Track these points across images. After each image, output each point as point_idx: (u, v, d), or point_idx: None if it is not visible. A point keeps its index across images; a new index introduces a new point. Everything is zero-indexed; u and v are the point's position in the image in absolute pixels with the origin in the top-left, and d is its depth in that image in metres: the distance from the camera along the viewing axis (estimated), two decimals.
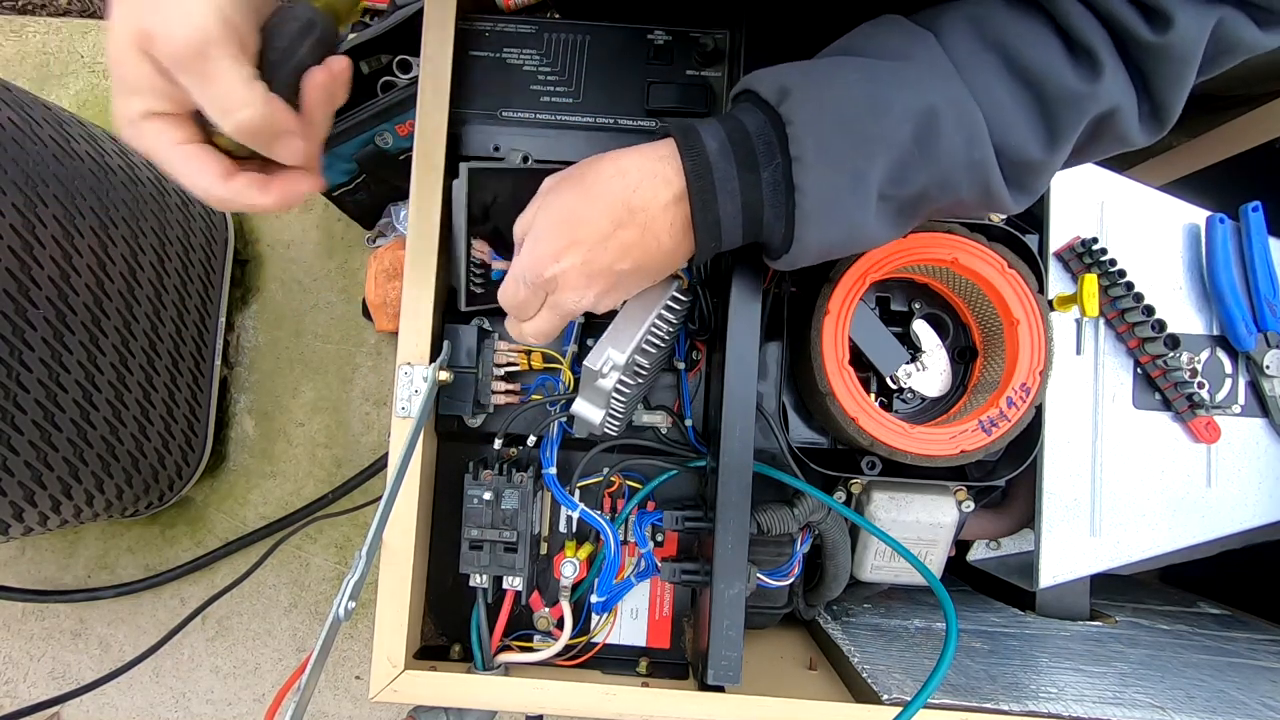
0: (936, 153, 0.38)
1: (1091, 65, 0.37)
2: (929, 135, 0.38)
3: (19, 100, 0.79)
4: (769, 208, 0.40)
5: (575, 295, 0.41)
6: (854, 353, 0.57)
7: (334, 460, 1.15)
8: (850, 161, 0.38)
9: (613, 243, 0.40)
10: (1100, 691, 0.54)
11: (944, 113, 0.37)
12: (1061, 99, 0.38)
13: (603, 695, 0.51)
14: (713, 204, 0.39)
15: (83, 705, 1.12)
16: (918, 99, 0.37)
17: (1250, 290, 0.62)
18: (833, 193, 0.38)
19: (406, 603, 0.52)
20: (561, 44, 0.56)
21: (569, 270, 0.40)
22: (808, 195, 0.38)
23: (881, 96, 0.37)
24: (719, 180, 0.39)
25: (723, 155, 0.39)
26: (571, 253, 0.40)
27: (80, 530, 1.15)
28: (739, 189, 0.39)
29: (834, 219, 0.39)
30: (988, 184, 0.39)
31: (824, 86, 0.38)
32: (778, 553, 0.57)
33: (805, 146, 0.37)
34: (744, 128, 0.39)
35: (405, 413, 0.53)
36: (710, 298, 0.55)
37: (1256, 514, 0.63)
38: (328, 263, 1.17)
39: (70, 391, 0.82)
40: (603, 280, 0.41)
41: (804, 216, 0.39)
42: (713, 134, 0.39)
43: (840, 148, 0.37)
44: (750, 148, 0.39)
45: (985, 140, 0.38)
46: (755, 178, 0.39)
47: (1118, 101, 0.38)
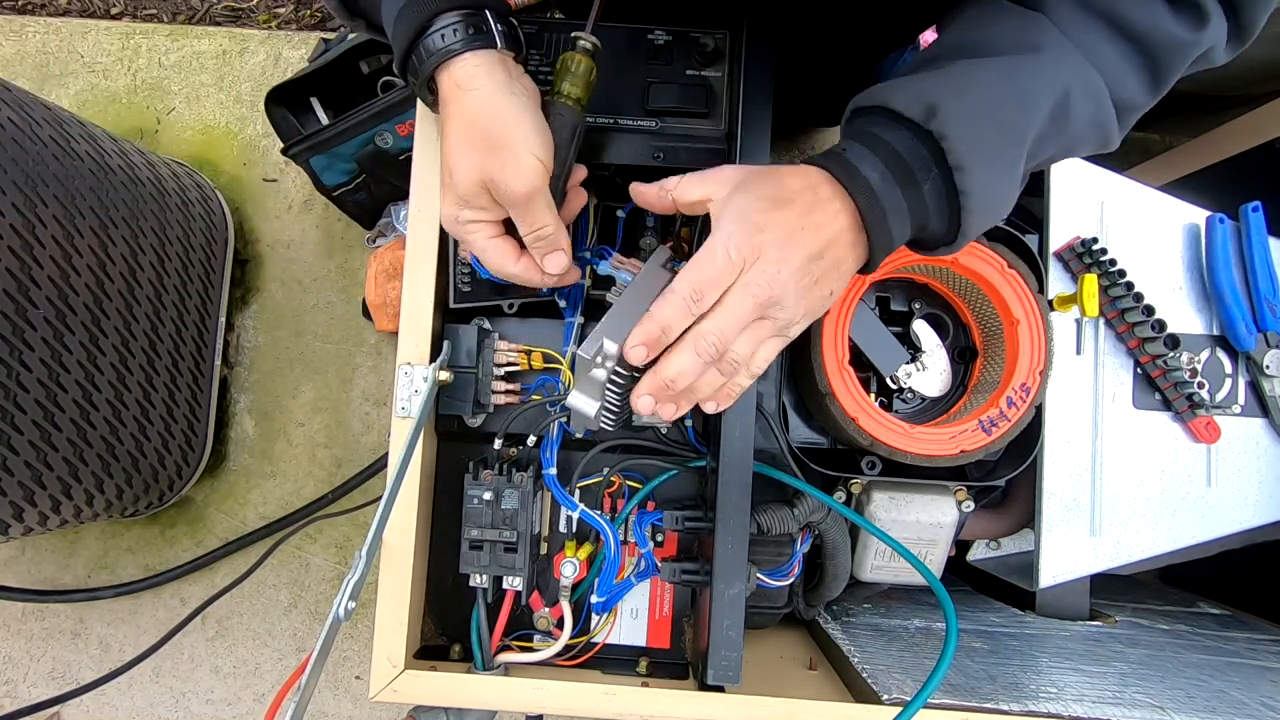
0: (1068, 125, 0.41)
1: (1197, 14, 0.40)
2: (1063, 113, 0.41)
3: (19, 100, 0.79)
4: (934, 214, 0.42)
5: (774, 268, 0.40)
6: (854, 353, 0.57)
7: (334, 460, 1.15)
8: (1005, 156, 0.41)
9: (809, 220, 0.40)
10: (1100, 691, 0.54)
11: (1075, 91, 0.40)
12: (1169, 49, 0.41)
13: (603, 695, 0.51)
14: (886, 229, 0.41)
15: (83, 705, 1.12)
16: (1056, 85, 0.40)
17: (1250, 290, 0.62)
18: (994, 187, 0.41)
19: (406, 603, 0.52)
20: (561, 44, 0.56)
21: (771, 238, 0.40)
22: (973, 197, 0.40)
23: (1027, 93, 0.40)
24: (888, 204, 0.41)
25: (885, 182, 0.41)
26: (774, 222, 0.40)
27: (80, 530, 1.15)
28: (906, 207, 0.41)
29: (995, 207, 0.42)
30: (1107, 136, 0.43)
31: (969, 96, 0.40)
32: (778, 553, 0.57)
33: (964, 156, 0.39)
34: (896, 151, 0.41)
35: (405, 413, 0.53)
36: None
37: (1256, 514, 0.63)
38: (328, 263, 1.17)
39: (70, 391, 0.82)
40: (800, 261, 0.40)
41: (971, 214, 0.41)
42: (871, 165, 0.41)
43: (995, 148, 0.40)
44: (908, 168, 0.41)
45: (1108, 103, 0.42)
46: (918, 191, 0.41)
47: (1216, 39, 0.41)
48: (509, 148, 0.42)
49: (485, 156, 0.42)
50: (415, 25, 0.42)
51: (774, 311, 0.41)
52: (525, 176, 0.42)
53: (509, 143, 0.42)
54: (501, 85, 0.43)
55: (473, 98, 0.42)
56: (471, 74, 0.42)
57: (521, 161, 0.42)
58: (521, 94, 0.44)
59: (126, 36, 1.22)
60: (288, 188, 1.19)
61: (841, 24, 0.69)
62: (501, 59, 0.44)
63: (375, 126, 0.91)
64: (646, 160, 0.54)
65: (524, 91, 0.44)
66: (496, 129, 0.42)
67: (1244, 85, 0.79)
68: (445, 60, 0.42)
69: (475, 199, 0.44)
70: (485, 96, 0.42)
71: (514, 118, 0.42)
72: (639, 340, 0.41)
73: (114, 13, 1.25)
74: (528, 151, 0.42)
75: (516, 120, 0.42)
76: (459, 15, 0.42)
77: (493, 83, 0.42)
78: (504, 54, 0.44)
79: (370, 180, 0.99)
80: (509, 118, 0.42)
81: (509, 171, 0.42)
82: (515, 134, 0.42)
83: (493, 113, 0.42)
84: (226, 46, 1.21)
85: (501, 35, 0.43)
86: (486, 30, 0.43)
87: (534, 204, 0.44)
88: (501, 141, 0.42)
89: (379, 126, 0.91)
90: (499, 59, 0.43)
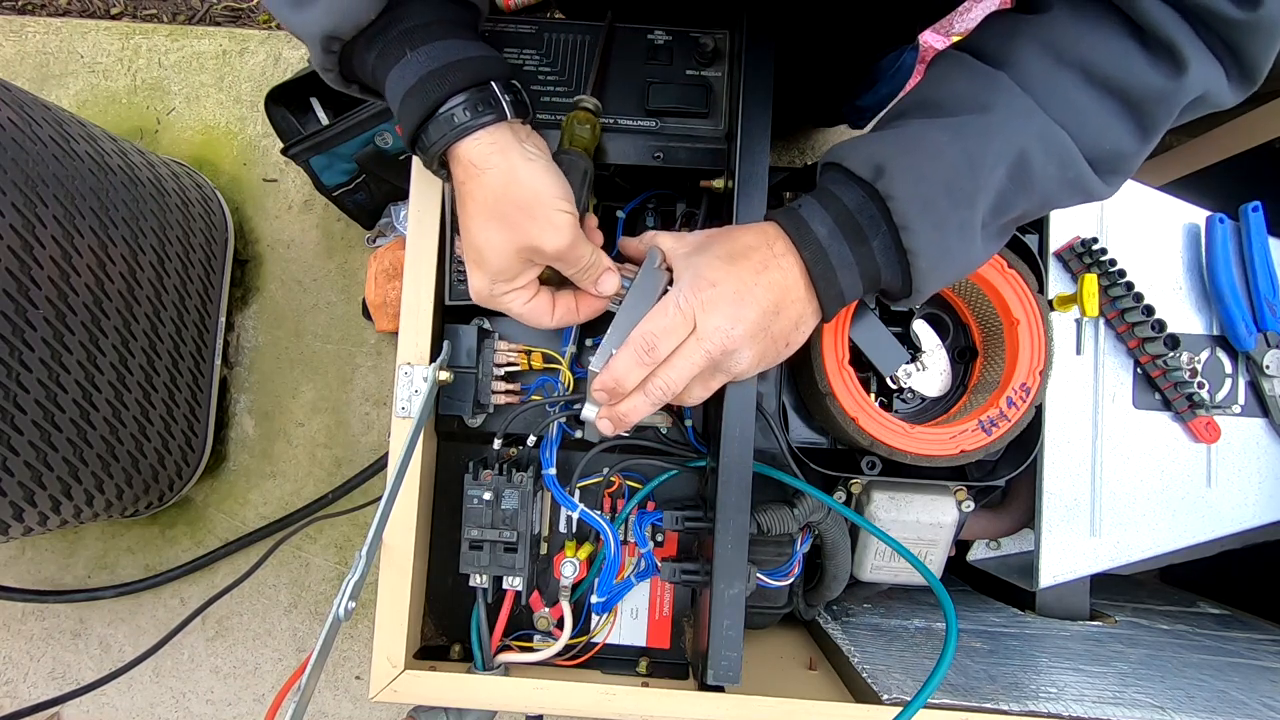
0: (1032, 184, 0.41)
1: (1173, 61, 0.38)
2: (1023, 173, 0.40)
3: (19, 100, 0.79)
4: (885, 270, 0.43)
5: (727, 323, 0.42)
6: (854, 353, 0.57)
7: (334, 460, 1.15)
8: (954, 217, 0.40)
9: (763, 278, 0.43)
10: (1100, 691, 0.54)
11: (1032, 151, 0.40)
12: (1148, 98, 0.39)
13: (603, 695, 0.51)
14: (835, 281, 0.43)
15: (83, 705, 1.12)
16: (1008, 146, 0.39)
17: (1250, 290, 0.62)
18: (943, 247, 0.41)
19: (406, 603, 0.52)
20: (561, 44, 0.56)
21: (722, 293, 0.42)
22: (921, 255, 0.41)
23: (972, 154, 0.40)
24: (836, 262, 0.42)
25: (833, 237, 0.42)
26: (726, 278, 0.42)
27: (80, 530, 1.15)
28: (854, 262, 0.42)
29: (948, 266, 0.42)
30: (1086, 189, 0.42)
31: (915, 156, 0.40)
32: (778, 553, 0.57)
33: (909, 216, 0.40)
34: (845, 207, 0.42)
35: (405, 413, 0.53)
36: None
37: (1256, 514, 0.63)
38: (328, 263, 1.17)
39: (70, 391, 0.82)
40: (752, 315, 0.42)
41: (921, 273, 0.42)
42: (819, 220, 0.42)
43: (943, 209, 0.40)
44: (857, 225, 0.42)
45: (1077, 160, 0.40)
46: (867, 249, 0.42)
47: (1206, 85, 0.39)
48: (540, 210, 0.43)
49: (517, 228, 0.43)
50: (425, 107, 0.42)
51: (728, 363, 0.43)
52: (562, 232, 0.43)
53: (538, 206, 0.43)
54: (517, 156, 0.43)
55: (491, 176, 0.43)
56: (486, 153, 0.42)
57: (555, 220, 0.43)
58: (536, 156, 0.44)
59: (126, 36, 1.22)
60: (288, 188, 1.19)
61: (841, 24, 0.69)
62: (511, 127, 0.44)
63: (375, 126, 0.91)
64: (646, 160, 0.54)
65: (537, 152, 0.45)
66: (523, 198, 0.43)
67: None
68: (457, 140, 0.42)
69: (510, 270, 0.45)
70: (504, 172, 0.43)
71: (537, 181, 0.43)
72: (598, 387, 0.44)
73: (114, 13, 1.25)
74: (557, 209, 0.43)
75: (540, 183, 0.43)
76: (467, 94, 0.42)
77: (507, 158, 0.43)
78: (513, 123, 0.44)
79: (370, 180, 0.99)
80: (532, 183, 0.43)
81: (548, 234, 0.43)
82: (542, 196, 0.43)
83: (515, 185, 0.43)
84: (226, 46, 1.21)
85: (510, 105, 0.44)
86: (495, 104, 0.43)
87: (575, 248, 0.45)
88: (531, 208, 0.43)
89: (379, 126, 0.91)
90: (508, 128, 0.44)
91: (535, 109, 0.56)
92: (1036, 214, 0.44)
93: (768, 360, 0.45)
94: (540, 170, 0.43)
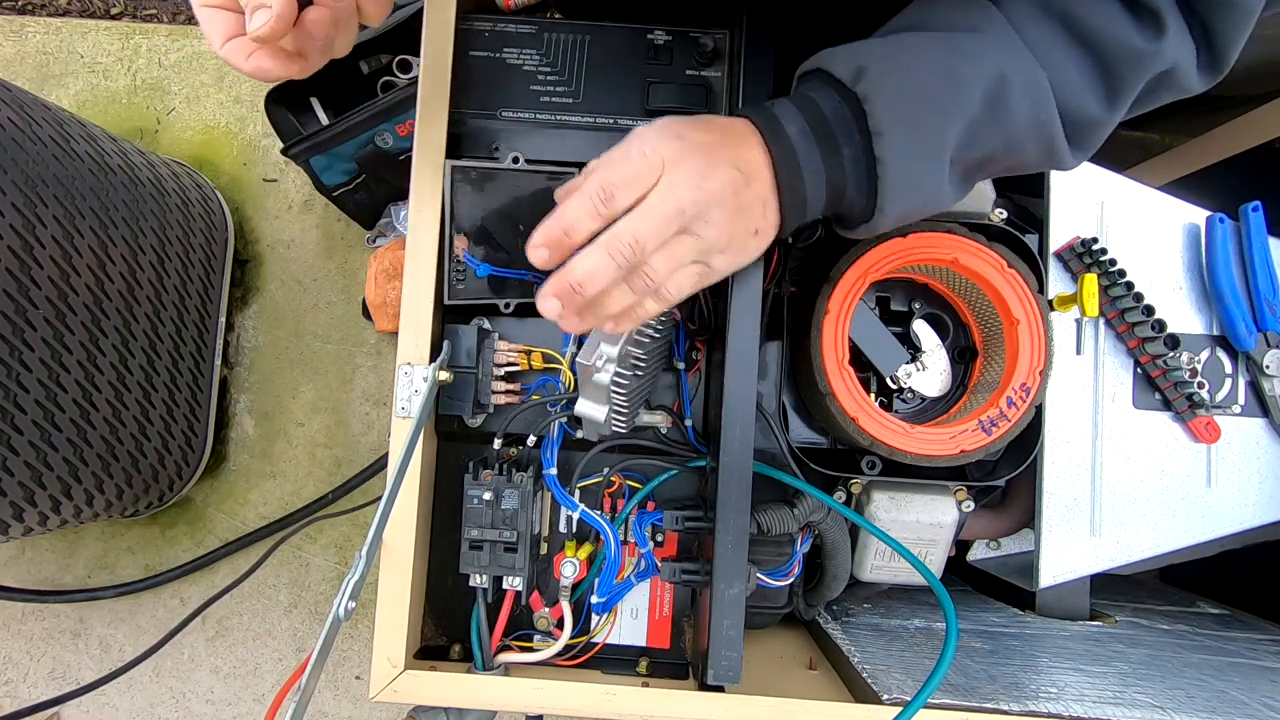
0: (1005, 117, 0.39)
1: (1155, 24, 0.38)
2: (999, 101, 0.39)
3: (19, 100, 0.79)
4: (852, 183, 0.41)
5: (699, 174, 0.37)
6: (854, 353, 0.57)
7: (334, 460, 1.15)
8: (928, 131, 0.39)
9: (726, 144, 0.39)
10: (1100, 691, 0.54)
11: (1013, 80, 0.39)
12: (1123, 59, 0.39)
13: (603, 695, 0.51)
14: (800, 186, 0.41)
15: (83, 705, 1.12)
16: (989, 68, 0.39)
17: (1250, 290, 0.62)
18: (913, 162, 0.40)
19: (406, 603, 0.52)
20: (561, 44, 0.56)
21: (689, 145, 0.38)
22: (890, 167, 0.39)
23: (956, 68, 0.39)
24: (804, 163, 0.40)
25: (804, 138, 0.40)
26: (690, 134, 0.39)
27: (80, 530, 1.15)
28: (823, 169, 0.41)
29: (915, 187, 0.40)
30: (1052, 144, 0.41)
31: (899, 62, 0.39)
32: (778, 553, 0.57)
33: (885, 122, 0.39)
34: (820, 110, 0.40)
35: (405, 413, 0.53)
36: (710, 298, 0.55)
37: (1256, 514, 0.63)
38: (328, 263, 1.17)
39: (70, 391, 0.82)
40: (726, 171, 0.38)
41: (887, 187, 0.40)
42: (793, 118, 0.41)
43: (918, 119, 0.39)
44: (829, 129, 0.40)
45: (1050, 103, 0.40)
46: (837, 157, 0.40)
47: (1178, 58, 0.39)
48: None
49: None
50: None
51: (698, 226, 0.38)
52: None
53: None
54: None
55: None
56: None
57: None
58: None
59: (126, 36, 1.22)
60: (288, 188, 1.19)
61: (841, 24, 0.69)
62: None
63: (375, 126, 0.91)
64: None
65: None
66: None
67: (1244, 85, 0.79)
68: None
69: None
70: None
71: None
72: (540, 240, 0.38)
73: (114, 13, 1.24)
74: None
75: None
76: None
77: None
78: None
79: (370, 180, 0.99)
80: None
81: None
82: None
83: None
84: None
85: None
86: None
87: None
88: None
89: (379, 126, 0.91)
90: None
91: (535, 109, 0.56)
92: (1001, 162, 0.42)
93: (739, 247, 0.40)
94: None
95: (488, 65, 0.56)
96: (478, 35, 0.57)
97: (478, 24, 0.57)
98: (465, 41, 0.56)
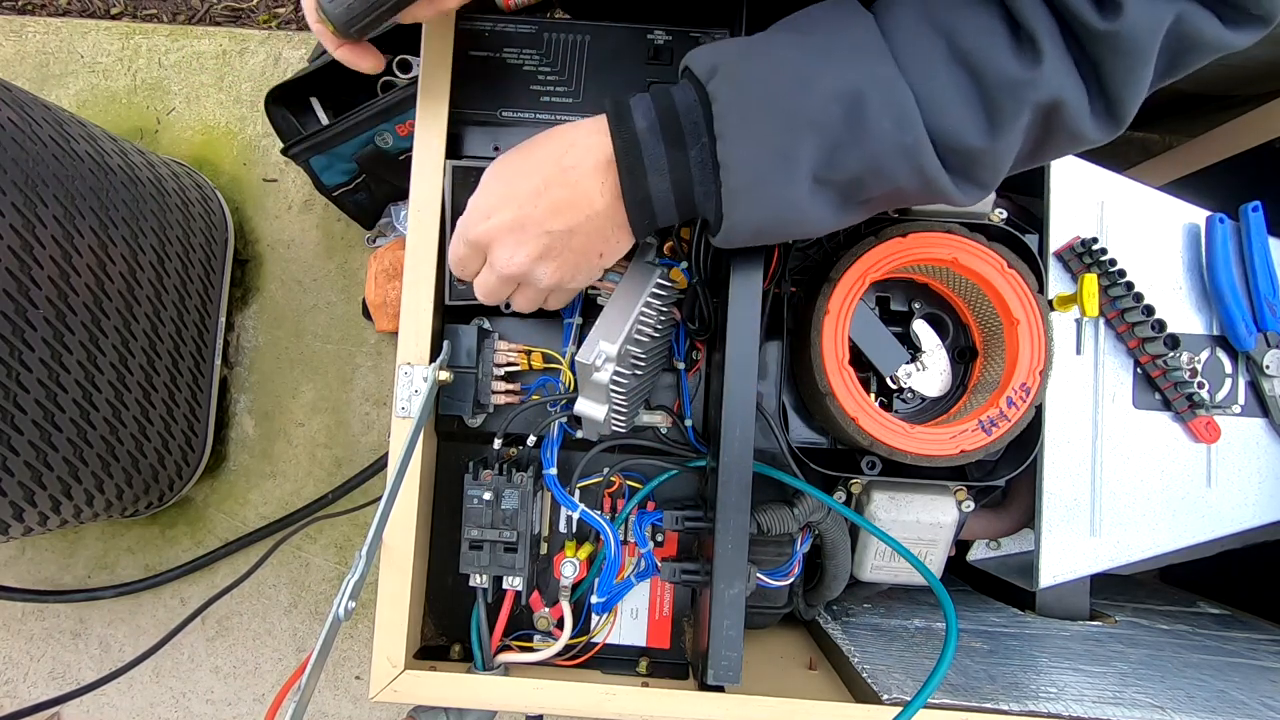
0: (865, 135, 0.37)
1: (1033, 51, 0.36)
2: (856, 117, 0.37)
3: (19, 100, 0.79)
4: (698, 185, 0.40)
5: (507, 252, 0.43)
6: (854, 353, 0.57)
7: (334, 460, 1.15)
8: (774, 139, 0.37)
9: (544, 200, 0.41)
10: (1100, 691, 0.54)
11: (870, 94, 0.37)
12: (1000, 85, 0.36)
13: (603, 695, 0.51)
14: (642, 181, 0.40)
15: (83, 705, 1.12)
16: (843, 78, 0.37)
17: (1250, 290, 0.62)
18: (758, 171, 0.38)
19: (406, 603, 0.52)
20: (561, 44, 0.56)
21: (500, 225, 0.42)
22: (733, 173, 0.38)
23: (805, 73, 0.37)
24: (648, 158, 0.40)
25: (651, 133, 0.40)
26: (504, 208, 0.42)
27: (80, 530, 1.15)
28: (667, 167, 0.40)
29: (762, 198, 0.39)
30: (923, 170, 0.38)
31: (750, 63, 0.38)
32: (778, 553, 0.57)
33: (728, 123, 0.38)
34: (674, 106, 0.40)
35: (405, 413, 0.53)
36: (710, 298, 0.55)
37: (1256, 514, 0.63)
38: (328, 263, 1.17)
39: (70, 391, 0.82)
40: (535, 240, 0.42)
41: (730, 194, 0.39)
42: (644, 112, 0.40)
43: (763, 125, 0.37)
44: (678, 126, 0.39)
45: (916, 123, 0.37)
46: (683, 155, 0.40)
47: (1060, 91, 0.37)
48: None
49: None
50: None
51: (532, 280, 0.44)
52: None
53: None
54: None
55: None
56: None
57: None
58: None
59: (126, 36, 1.22)
60: (288, 188, 1.19)
61: None
62: None
63: (375, 126, 0.91)
64: None
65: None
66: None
67: (1244, 85, 0.79)
68: None
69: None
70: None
71: None
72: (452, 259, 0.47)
73: (114, 13, 1.25)
74: None
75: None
76: None
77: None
78: None
79: (370, 180, 0.99)
80: None
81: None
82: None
83: None
84: (226, 46, 1.21)
85: None
86: None
87: None
88: None
89: (379, 126, 0.91)
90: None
91: (535, 109, 0.56)
92: (874, 185, 0.39)
93: (583, 270, 0.44)
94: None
95: (488, 65, 0.56)
96: (478, 35, 0.57)
97: (478, 24, 0.57)
98: (465, 41, 0.56)
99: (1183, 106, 0.88)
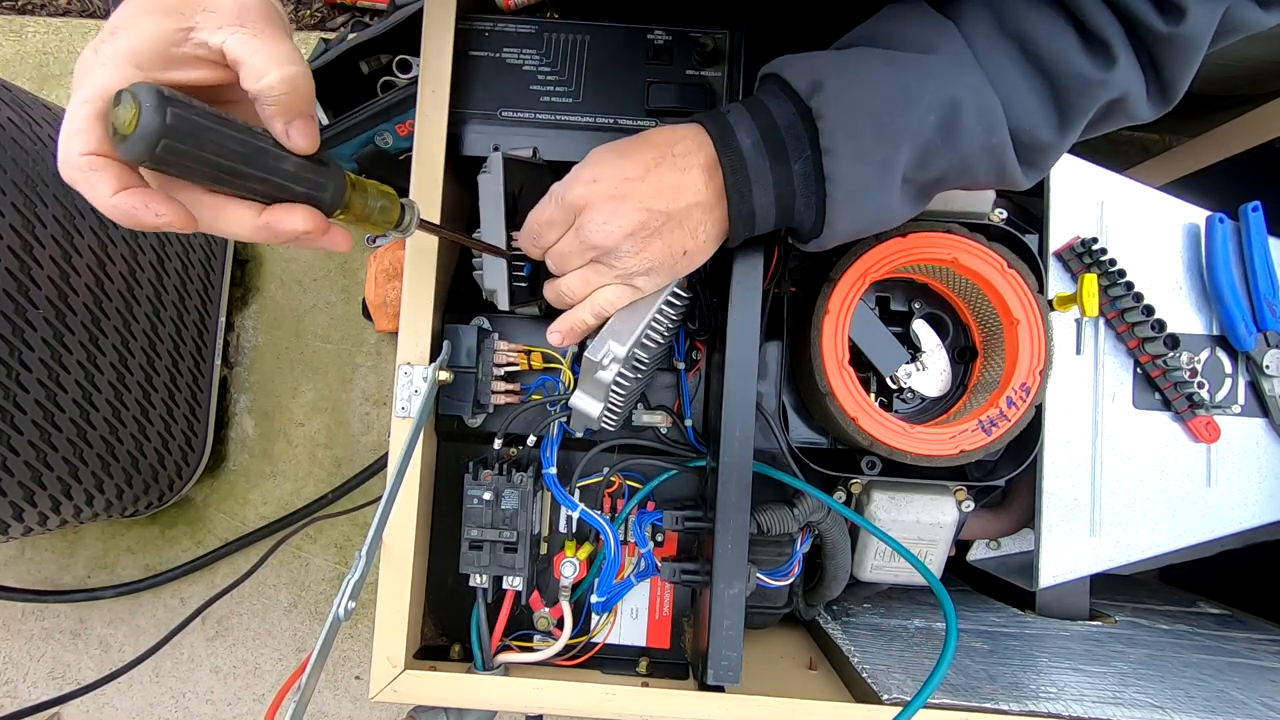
0: (958, 140, 0.40)
1: (1106, 55, 0.39)
2: (952, 125, 0.39)
3: (19, 100, 0.79)
4: (800, 197, 0.42)
5: (601, 218, 0.41)
6: (854, 353, 0.57)
7: (334, 460, 1.15)
8: (879, 152, 0.39)
9: (652, 177, 0.41)
10: (1100, 691, 0.54)
11: (966, 103, 0.39)
12: (1075, 86, 0.39)
13: (603, 695, 0.51)
14: (749, 196, 0.42)
15: (83, 705, 1.12)
16: (943, 90, 0.39)
17: (1250, 290, 0.62)
18: (863, 182, 0.40)
19: (406, 603, 0.52)
20: (561, 44, 0.56)
21: (601, 191, 0.41)
22: (839, 185, 0.40)
23: (909, 89, 0.39)
24: (753, 173, 0.41)
25: (756, 149, 0.41)
26: (610, 176, 0.42)
27: (80, 530, 1.15)
28: (772, 181, 0.41)
29: (864, 205, 0.41)
30: (1003, 166, 0.41)
31: (853, 80, 0.40)
32: (778, 553, 0.57)
33: (836, 140, 0.39)
34: (774, 121, 0.41)
35: (405, 413, 0.53)
36: (710, 297, 0.55)
37: (1256, 514, 0.63)
38: (328, 263, 1.17)
39: (70, 391, 0.82)
40: (633, 213, 0.41)
41: (835, 205, 0.41)
42: (747, 129, 0.41)
43: (870, 140, 0.39)
44: (781, 141, 0.41)
45: (1004, 127, 0.40)
46: (786, 170, 0.41)
47: (1128, 88, 0.40)
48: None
49: None
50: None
51: (609, 260, 0.43)
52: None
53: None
54: None
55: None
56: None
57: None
58: None
59: None
60: None
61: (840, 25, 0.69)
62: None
63: (375, 126, 0.91)
64: None
65: None
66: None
67: (1244, 85, 0.79)
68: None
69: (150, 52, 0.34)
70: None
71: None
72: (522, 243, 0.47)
73: None
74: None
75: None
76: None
77: None
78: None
79: None
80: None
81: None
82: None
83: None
84: None
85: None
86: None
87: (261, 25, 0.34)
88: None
89: (379, 126, 0.91)
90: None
91: (535, 109, 0.56)
92: (954, 182, 0.43)
93: (663, 266, 0.43)
94: None
95: (488, 65, 0.56)
96: (478, 35, 0.57)
97: (478, 24, 0.57)
98: (465, 41, 0.56)
99: (1183, 106, 0.87)
